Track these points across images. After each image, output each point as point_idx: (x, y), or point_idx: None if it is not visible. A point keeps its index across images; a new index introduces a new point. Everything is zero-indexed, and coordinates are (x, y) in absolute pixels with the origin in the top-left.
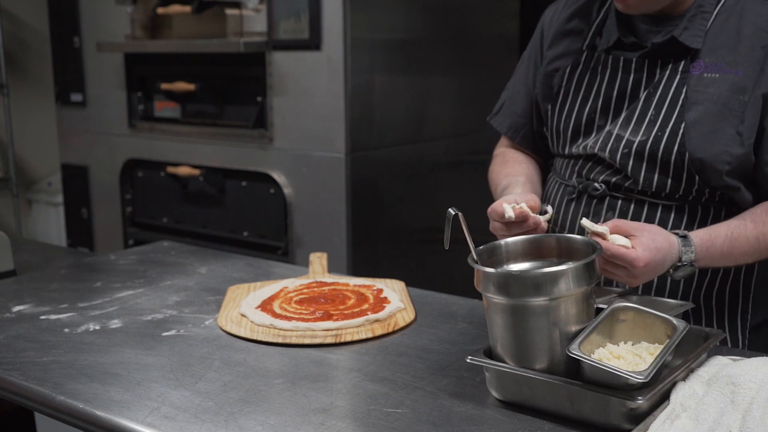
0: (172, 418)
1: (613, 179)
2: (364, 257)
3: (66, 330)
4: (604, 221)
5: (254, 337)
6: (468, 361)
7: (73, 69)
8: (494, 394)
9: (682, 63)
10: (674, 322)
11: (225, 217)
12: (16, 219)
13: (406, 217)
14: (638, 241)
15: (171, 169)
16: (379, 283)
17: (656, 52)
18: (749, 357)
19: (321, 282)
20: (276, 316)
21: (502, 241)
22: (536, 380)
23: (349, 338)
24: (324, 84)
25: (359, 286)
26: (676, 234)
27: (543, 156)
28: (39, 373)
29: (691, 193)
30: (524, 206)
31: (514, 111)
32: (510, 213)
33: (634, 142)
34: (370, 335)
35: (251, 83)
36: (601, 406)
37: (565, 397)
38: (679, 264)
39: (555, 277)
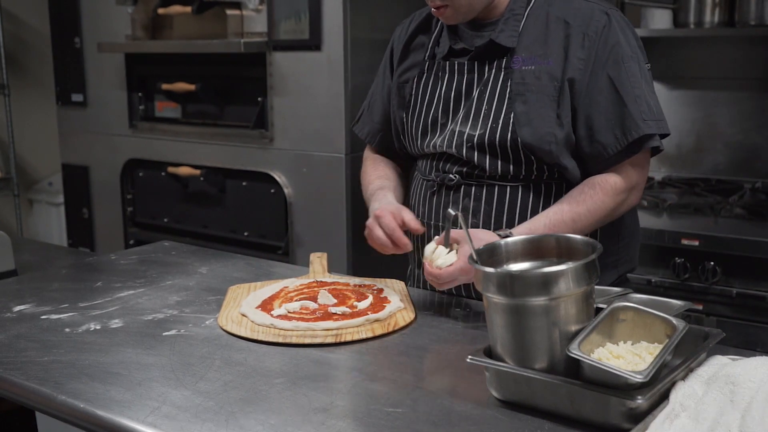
0: (172, 418)
1: (465, 169)
2: (364, 257)
3: (67, 330)
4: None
5: (255, 337)
6: (468, 361)
7: (74, 69)
8: (494, 393)
9: (504, 60)
10: (674, 321)
11: (225, 217)
12: (17, 219)
13: None
14: (461, 250)
15: (171, 169)
16: (379, 283)
17: (481, 55)
18: (748, 356)
19: (321, 282)
20: (276, 315)
21: (502, 241)
22: (536, 380)
23: (349, 338)
24: (324, 84)
25: (359, 286)
26: (500, 235)
27: (404, 160)
28: (40, 373)
29: (532, 173)
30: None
31: (371, 119)
32: (390, 223)
33: (474, 136)
34: (370, 335)
35: (251, 83)
36: (601, 405)
37: (564, 397)
38: None
39: (555, 277)
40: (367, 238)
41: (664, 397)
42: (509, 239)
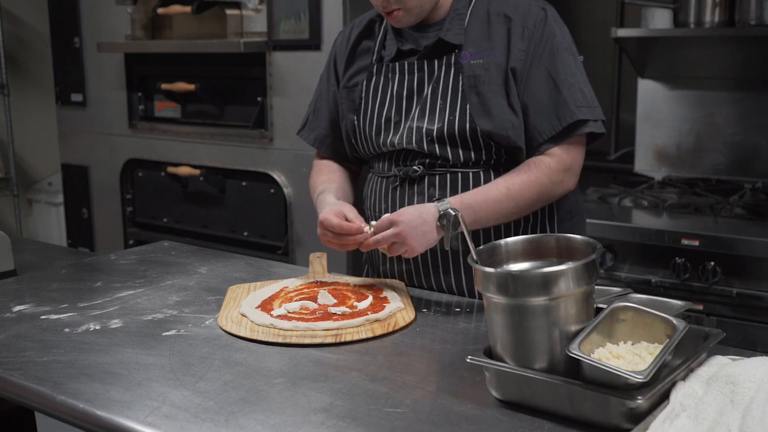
0: (172, 418)
1: (427, 160)
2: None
3: (66, 330)
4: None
5: (254, 337)
6: (468, 361)
7: (74, 69)
8: (494, 393)
9: (453, 57)
10: (674, 321)
11: (225, 217)
12: (17, 219)
13: None
14: (395, 217)
15: (171, 169)
16: (379, 283)
17: (430, 53)
18: (748, 356)
19: (321, 282)
20: (276, 315)
21: (502, 241)
22: (536, 380)
23: (349, 338)
24: None
25: (359, 286)
26: (434, 200)
27: (354, 163)
28: (39, 373)
29: (491, 157)
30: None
31: (318, 125)
32: (333, 221)
33: (433, 129)
34: (370, 335)
35: (251, 83)
36: (601, 405)
37: (564, 397)
38: (441, 213)
39: (555, 277)
40: (326, 245)
41: (664, 397)
42: (509, 239)
